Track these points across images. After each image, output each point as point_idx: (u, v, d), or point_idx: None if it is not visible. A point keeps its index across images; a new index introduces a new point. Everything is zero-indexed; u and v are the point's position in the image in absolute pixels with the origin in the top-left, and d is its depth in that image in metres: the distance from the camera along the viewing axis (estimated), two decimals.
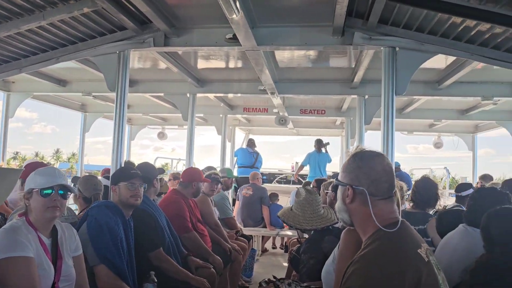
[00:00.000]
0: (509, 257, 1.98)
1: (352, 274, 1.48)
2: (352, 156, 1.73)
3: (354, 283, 1.46)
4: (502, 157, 74.79)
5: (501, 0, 2.70)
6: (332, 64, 5.31)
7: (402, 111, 7.41)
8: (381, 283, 1.42)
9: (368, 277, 1.44)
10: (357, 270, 1.48)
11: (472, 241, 2.49)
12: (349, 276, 1.49)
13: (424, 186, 3.66)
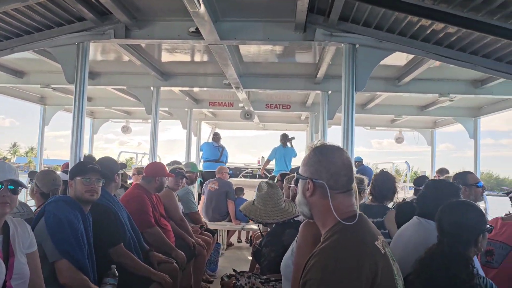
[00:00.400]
0: (455, 248, 2.06)
1: (312, 267, 1.51)
2: (312, 150, 1.76)
3: (314, 276, 1.48)
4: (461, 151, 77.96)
5: (453, 1, 2.81)
6: (296, 59, 5.37)
7: (364, 106, 7.60)
8: (340, 276, 1.45)
9: (327, 269, 1.47)
10: (317, 263, 1.50)
11: (425, 232, 2.59)
12: (309, 269, 1.51)
13: (382, 180, 3.77)
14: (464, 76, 5.42)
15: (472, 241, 2.14)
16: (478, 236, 2.14)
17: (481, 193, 3.64)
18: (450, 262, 2.00)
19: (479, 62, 3.52)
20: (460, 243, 2.10)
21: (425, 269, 2.09)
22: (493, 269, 3.38)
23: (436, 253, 2.10)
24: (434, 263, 2.07)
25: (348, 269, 1.46)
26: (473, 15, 2.89)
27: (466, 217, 2.15)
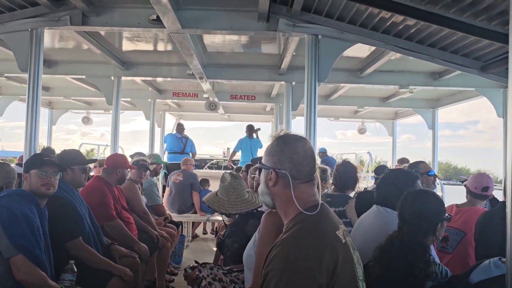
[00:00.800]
0: (414, 236, 2.12)
1: (274, 257, 1.50)
2: (275, 140, 1.75)
3: (275, 266, 1.48)
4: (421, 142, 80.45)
5: None
6: (261, 50, 5.34)
7: (328, 97, 7.68)
8: (302, 266, 1.45)
9: (289, 260, 1.46)
10: (279, 253, 1.50)
11: (384, 220, 2.65)
12: (271, 259, 1.51)
13: (344, 170, 3.83)
14: (423, 68, 5.57)
15: (431, 230, 2.20)
16: (437, 225, 2.20)
17: (433, 181, 3.77)
18: (409, 250, 2.05)
19: (436, 55, 3.62)
20: (419, 232, 2.16)
21: (384, 256, 2.14)
22: (448, 254, 3.52)
23: (395, 241, 2.15)
24: (394, 251, 2.12)
25: (310, 259, 1.46)
26: (430, 8, 2.96)
27: (427, 206, 2.21)
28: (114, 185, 4.19)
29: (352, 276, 1.57)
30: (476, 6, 2.78)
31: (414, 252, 2.07)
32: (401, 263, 2.05)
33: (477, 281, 1.74)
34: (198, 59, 4.88)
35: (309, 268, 1.45)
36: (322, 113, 9.45)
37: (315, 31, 3.61)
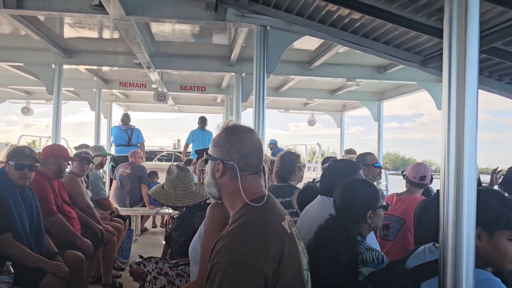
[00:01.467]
0: (340, 223, 2.15)
1: (220, 250, 1.49)
2: (223, 131, 1.72)
3: (221, 259, 1.46)
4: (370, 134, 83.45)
5: None
6: (210, 40, 5.28)
7: (278, 89, 7.74)
8: (248, 258, 1.45)
9: (235, 252, 1.46)
10: (224, 245, 1.49)
11: (327, 209, 2.69)
12: (217, 251, 1.49)
13: (285, 160, 3.84)
14: (369, 62, 5.72)
15: (362, 217, 2.23)
16: (368, 212, 2.23)
17: (379, 173, 3.90)
18: (333, 236, 2.09)
19: (380, 48, 3.73)
20: (348, 218, 2.18)
21: (316, 243, 2.18)
22: (389, 242, 3.67)
23: (324, 227, 2.19)
24: (321, 238, 2.16)
25: (256, 251, 1.46)
26: (374, 3, 3.03)
27: (356, 193, 2.25)
28: (54, 178, 3.98)
29: (297, 266, 1.59)
30: (416, 2, 2.88)
31: (338, 239, 2.08)
32: (327, 250, 2.08)
33: (413, 266, 1.80)
34: (145, 48, 4.74)
35: (255, 259, 1.44)
36: (273, 105, 9.52)
37: (263, 22, 3.60)
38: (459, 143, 1.48)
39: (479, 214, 1.66)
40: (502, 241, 1.70)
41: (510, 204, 1.72)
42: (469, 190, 1.47)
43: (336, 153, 11.67)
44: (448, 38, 1.53)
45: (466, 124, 1.48)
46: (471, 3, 1.47)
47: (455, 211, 1.48)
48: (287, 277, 1.51)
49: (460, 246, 1.47)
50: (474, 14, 1.47)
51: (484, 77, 3.78)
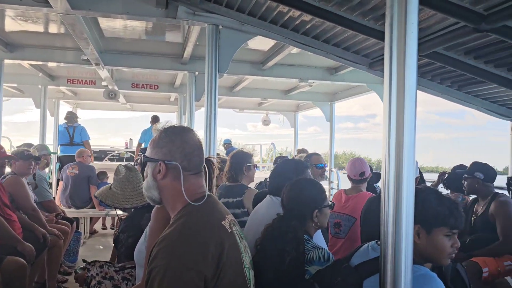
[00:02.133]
0: (287, 222, 2.19)
1: (158, 253, 1.47)
2: (163, 131, 1.70)
3: (159, 262, 1.45)
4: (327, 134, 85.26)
5: None
6: (163, 37, 5.18)
7: (232, 89, 7.73)
8: (186, 260, 1.44)
9: (173, 254, 1.45)
10: (162, 249, 1.47)
11: (275, 208, 2.72)
12: (155, 255, 1.47)
13: (237, 160, 3.83)
14: (321, 64, 5.83)
15: (308, 216, 2.26)
16: (314, 211, 2.26)
17: (321, 174, 3.98)
18: (279, 235, 2.12)
19: (330, 50, 3.80)
20: (293, 217, 2.21)
21: (263, 242, 2.20)
22: (340, 239, 3.75)
23: (270, 227, 2.21)
24: (268, 237, 2.18)
25: (194, 253, 1.45)
26: (324, 5, 3.08)
27: (302, 193, 2.29)
28: None
29: (238, 265, 1.60)
30: (364, 6, 2.96)
31: (284, 237, 2.11)
32: (273, 249, 2.11)
33: (357, 263, 1.86)
34: (93, 44, 4.57)
35: (193, 261, 1.44)
36: (227, 104, 9.50)
37: (215, 21, 3.58)
38: (398, 144, 1.53)
39: (417, 213, 1.73)
40: (439, 237, 1.78)
41: (446, 202, 1.81)
42: (407, 190, 1.52)
43: (290, 152, 11.83)
44: (389, 42, 1.58)
45: (405, 126, 1.53)
46: (411, 9, 1.52)
47: (394, 209, 1.53)
48: (228, 276, 1.51)
49: (399, 243, 1.52)
50: (413, 19, 1.53)
51: (427, 80, 3.95)
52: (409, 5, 1.52)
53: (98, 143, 8.71)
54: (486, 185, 4.03)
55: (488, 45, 3.01)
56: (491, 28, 2.54)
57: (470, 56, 3.23)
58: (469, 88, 3.95)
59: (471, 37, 2.85)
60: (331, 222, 3.70)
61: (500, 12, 2.41)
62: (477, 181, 4.02)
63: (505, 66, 3.25)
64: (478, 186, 4.03)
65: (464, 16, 2.54)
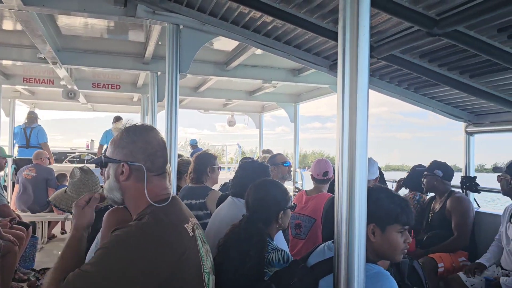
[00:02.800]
0: (253, 224, 2.20)
1: (112, 237, 1.46)
2: (124, 131, 1.65)
3: (108, 244, 1.45)
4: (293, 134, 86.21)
5: None
6: (124, 36, 5.07)
7: (197, 89, 7.66)
8: (139, 253, 1.42)
9: (128, 243, 1.44)
10: (118, 236, 1.46)
11: (236, 210, 2.72)
12: (109, 237, 1.47)
13: (201, 161, 3.82)
14: (284, 65, 5.87)
15: (273, 218, 2.30)
16: (279, 212, 2.31)
17: (288, 171, 4.02)
18: (245, 238, 2.12)
19: (291, 52, 3.83)
20: (260, 219, 2.24)
21: (226, 244, 2.19)
22: (301, 240, 3.78)
23: (236, 228, 2.21)
24: (233, 238, 2.18)
25: (149, 252, 1.44)
26: (284, 7, 3.10)
27: (268, 194, 2.31)
28: None
29: (197, 269, 1.58)
30: (323, 9, 3.00)
31: (250, 240, 2.13)
32: (238, 251, 2.11)
33: (313, 263, 1.88)
34: (49, 42, 4.40)
35: (145, 260, 1.42)
36: (192, 105, 9.42)
37: (176, 21, 3.53)
38: (351, 144, 1.56)
39: (372, 212, 1.77)
40: (392, 234, 1.84)
41: (397, 199, 1.87)
42: (360, 189, 1.54)
43: (256, 153, 11.86)
44: (342, 44, 1.60)
45: (358, 126, 1.56)
46: (362, 12, 1.55)
47: (348, 209, 1.55)
48: (185, 280, 1.50)
49: (353, 242, 1.54)
50: (365, 22, 1.55)
51: (385, 82, 4.05)
52: (360, 8, 1.54)
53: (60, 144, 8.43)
54: (444, 182, 4.19)
55: (441, 48, 3.11)
56: (443, 33, 2.62)
57: (425, 59, 3.33)
58: (425, 90, 4.07)
59: (425, 41, 2.94)
60: (292, 223, 3.72)
61: (451, 17, 2.49)
62: (436, 179, 4.18)
63: (457, 69, 3.37)
64: (437, 183, 4.19)
65: (417, 21, 2.62)
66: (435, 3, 2.49)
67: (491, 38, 2.71)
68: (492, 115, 4.21)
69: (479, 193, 4.40)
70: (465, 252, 3.88)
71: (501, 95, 3.59)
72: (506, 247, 3.49)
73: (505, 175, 3.50)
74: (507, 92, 3.55)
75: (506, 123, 4.03)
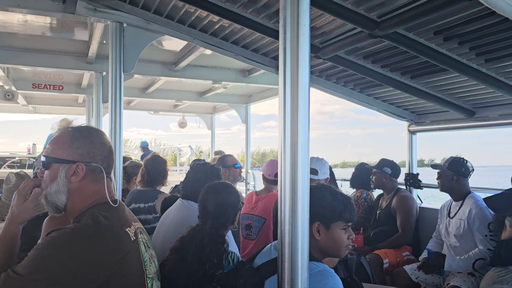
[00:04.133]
0: (217, 229, 2.19)
1: (47, 239, 1.41)
2: (76, 131, 1.60)
3: (42, 246, 1.40)
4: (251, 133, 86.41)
5: None
6: (67, 35, 4.85)
7: (145, 90, 7.48)
8: (73, 255, 1.38)
9: (62, 245, 1.39)
10: (53, 238, 1.41)
11: (186, 212, 2.67)
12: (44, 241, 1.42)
13: (153, 164, 3.75)
14: (234, 65, 5.84)
15: (231, 220, 2.31)
16: (236, 215, 2.33)
17: (239, 173, 4.01)
18: (209, 243, 2.09)
19: (239, 52, 3.81)
20: (222, 224, 2.23)
21: (183, 247, 2.14)
22: (252, 241, 3.77)
23: (198, 233, 2.16)
24: (193, 243, 2.13)
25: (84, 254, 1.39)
26: (230, 6, 3.08)
27: (227, 198, 2.30)
28: None
29: (139, 274, 1.53)
30: (269, 9, 3.00)
31: (214, 245, 2.11)
32: (198, 256, 2.07)
33: (259, 264, 1.86)
34: None
35: (77, 262, 1.37)
36: (141, 106, 9.19)
37: (119, 19, 3.40)
38: (293, 144, 1.55)
39: (316, 210, 1.79)
40: (337, 231, 1.87)
41: (340, 197, 1.90)
42: (303, 189, 1.55)
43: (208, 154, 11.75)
44: (283, 43, 1.60)
45: (299, 126, 1.56)
46: (302, 11, 1.55)
47: (290, 208, 1.55)
48: (124, 284, 1.46)
49: (296, 242, 1.54)
50: (305, 22, 1.56)
51: (332, 83, 4.13)
52: (300, 7, 1.54)
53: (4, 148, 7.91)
54: (392, 180, 4.34)
55: (383, 50, 3.21)
56: (383, 34, 2.70)
57: (368, 61, 3.43)
58: (369, 90, 4.20)
59: (368, 42, 3.02)
60: (242, 224, 3.71)
61: (391, 19, 2.57)
62: (385, 176, 4.32)
63: (399, 71, 3.49)
64: (385, 180, 4.33)
65: (359, 22, 2.68)
66: (376, 5, 2.56)
67: (428, 40, 2.83)
68: (432, 115, 4.40)
69: (421, 189, 4.60)
70: (409, 247, 4.04)
71: (439, 95, 3.76)
72: (446, 242, 3.65)
73: (447, 171, 3.63)
74: (444, 92, 3.72)
75: (445, 122, 4.23)
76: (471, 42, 2.71)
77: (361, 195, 4.67)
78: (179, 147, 13.63)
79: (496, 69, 2.97)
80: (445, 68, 3.08)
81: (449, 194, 3.69)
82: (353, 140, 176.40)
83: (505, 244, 2.98)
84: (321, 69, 3.94)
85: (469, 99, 3.76)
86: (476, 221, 3.35)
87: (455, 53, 2.90)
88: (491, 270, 3.08)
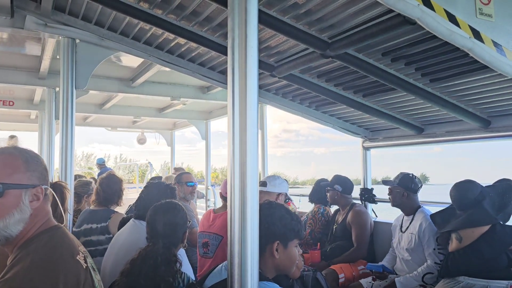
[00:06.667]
0: (169, 249, 2.15)
1: None
2: (25, 153, 1.48)
3: None
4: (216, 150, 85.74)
5: (167, 8, 2.93)
6: (18, 49, 4.69)
7: (102, 106, 7.31)
8: None
9: None
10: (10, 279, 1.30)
11: (138, 233, 2.60)
12: None
13: (108, 183, 3.64)
14: (193, 82, 5.84)
15: (181, 239, 2.29)
16: (185, 233, 2.32)
17: (191, 192, 3.97)
18: (163, 263, 2.05)
19: (196, 70, 3.82)
20: (173, 243, 2.20)
21: (135, 270, 2.09)
22: (209, 259, 3.71)
23: (150, 254, 2.12)
24: (145, 265, 2.08)
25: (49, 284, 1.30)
26: (185, 25, 3.08)
27: (176, 217, 2.28)
28: None
29: None
30: (223, 28, 3.03)
31: (168, 264, 2.08)
32: (152, 277, 2.03)
33: (210, 285, 1.84)
34: None
35: None
36: (98, 123, 8.97)
37: (71, 34, 3.34)
38: (242, 166, 1.56)
39: (277, 229, 1.81)
40: (292, 249, 1.89)
41: (294, 216, 1.93)
42: (252, 209, 1.55)
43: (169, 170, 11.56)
44: (231, 64, 1.61)
45: (248, 148, 1.56)
46: (250, 33, 1.58)
47: (240, 228, 1.54)
48: None
49: (245, 262, 1.53)
50: (252, 43, 1.58)
51: (288, 101, 4.20)
52: (248, 29, 1.57)
53: None
54: (344, 196, 4.42)
55: (336, 69, 3.31)
56: (335, 55, 2.79)
57: (322, 79, 3.52)
58: (325, 108, 4.30)
59: (321, 62, 3.10)
60: (200, 242, 3.65)
61: (341, 40, 2.66)
62: (337, 193, 4.40)
63: (351, 89, 3.60)
64: (337, 197, 4.40)
65: (311, 43, 2.76)
66: (327, 27, 2.65)
67: (377, 61, 2.95)
68: (384, 131, 4.56)
69: (376, 203, 4.71)
70: (364, 261, 4.11)
71: (390, 113, 3.90)
72: (399, 255, 3.75)
73: (398, 187, 3.74)
74: (395, 110, 3.87)
75: (397, 138, 4.38)
76: (417, 63, 2.85)
77: (318, 210, 4.73)
78: (138, 164, 13.35)
79: (441, 89, 3.12)
80: (394, 87, 3.20)
81: (400, 209, 3.80)
82: (317, 158, 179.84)
83: (452, 256, 3.10)
84: (278, 87, 4.00)
85: (418, 117, 3.93)
86: (426, 235, 3.47)
87: (403, 73, 3.03)
88: (440, 281, 3.19)
